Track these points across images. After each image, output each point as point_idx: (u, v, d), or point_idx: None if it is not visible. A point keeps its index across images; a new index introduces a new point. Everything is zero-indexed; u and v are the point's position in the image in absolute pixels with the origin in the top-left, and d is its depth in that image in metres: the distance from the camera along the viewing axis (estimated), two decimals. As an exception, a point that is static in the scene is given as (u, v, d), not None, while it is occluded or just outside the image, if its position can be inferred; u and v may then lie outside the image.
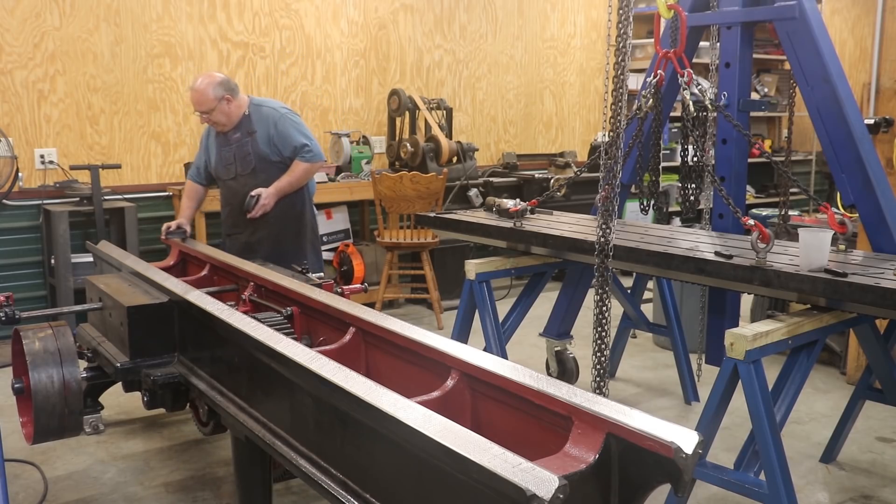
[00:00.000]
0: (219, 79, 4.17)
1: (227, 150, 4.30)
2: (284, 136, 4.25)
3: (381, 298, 5.74)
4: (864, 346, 3.30)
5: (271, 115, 4.28)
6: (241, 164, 4.27)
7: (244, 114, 4.25)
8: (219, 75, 4.22)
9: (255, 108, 4.28)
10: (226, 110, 4.19)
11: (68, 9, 5.30)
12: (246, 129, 4.26)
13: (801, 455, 3.68)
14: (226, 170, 4.32)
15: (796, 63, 3.32)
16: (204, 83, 4.14)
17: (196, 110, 4.23)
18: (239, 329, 2.48)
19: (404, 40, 6.71)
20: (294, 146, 4.25)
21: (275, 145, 4.26)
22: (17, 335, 3.08)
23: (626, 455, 1.67)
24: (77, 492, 3.34)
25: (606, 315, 2.82)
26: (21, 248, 5.36)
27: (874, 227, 3.24)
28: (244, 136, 4.26)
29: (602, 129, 3.23)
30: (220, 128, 4.26)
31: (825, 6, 8.73)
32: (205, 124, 4.35)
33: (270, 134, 4.25)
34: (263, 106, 4.32)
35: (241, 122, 4.25)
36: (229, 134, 4.27)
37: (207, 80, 4.15)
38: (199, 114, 4.22)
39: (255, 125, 4.25)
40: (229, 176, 4.33)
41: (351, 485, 2.01)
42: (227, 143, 4.29)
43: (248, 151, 4.26)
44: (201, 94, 4.13)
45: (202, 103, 4.15)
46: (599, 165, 3.01)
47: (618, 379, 4.68)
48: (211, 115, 4.18)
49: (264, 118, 4.26)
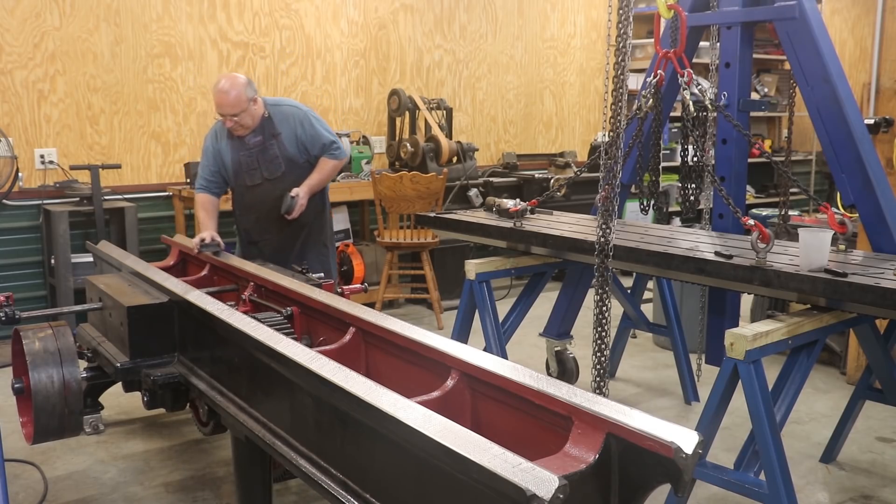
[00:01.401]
0: (246, 79, 3.97)
1: (246, 154, 4.07)
2: (313, 136, 4.10)
3: (381, 298, 5.74)
4: (864, 346, 3.30)
5: (295, 114, 4.11)
6: (268, 169, 4.08)
7: (263, 115, 4.05)
8: (242, 76, 4.00)
9: (274, 109, 4.09)
10: (253, 112, 3.98)
11: (68, 9, 5.30)
12: (269, 132, 4.06)
13: (801, 455, 3.68)
14: (249, 176, 4.10)
15: (796, 63, 3.32)
16: (234, 85, 3.91)
17: (224, 113, 3.94)
18: (239, 329, 2.48)
19: (404, 40, 6.72)
20: (323, 144, 4.12)
21: (303, 145, 4.10)
22: (17, 335, 3.09)
23: (626, 455, 1.67)
24: (77, 492, 3.34)
25: (606, 315, 2.82)
26: (21, 248, 5.36)
27: (874, 227, 3.24)
28: (267, 139, 4.06)
29: (602, 129, 3.23)
30: (243, 131, 4.02)
31: (825, 6, 8.73)
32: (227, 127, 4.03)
33: (298, 134, 4.09)
34: (282, 105, 4.14)
35: (261, 125, 4.05)
36: (247, 138, 4.05)
37: (237, 82, 3.93)
38: (226, 117, 3.95)
39: (278, 126, 4.07)
40: (254, 182, 4.11)
41: (351, 485, 2.01)
42: (245, 147, 4.06)
43: (276, 154, 4.07)
44: (234, 97, 3.89)
45: (235, 105, 3.91)
46: (599, 165, 3.01)
47: (618, 379, 4.68)
48: (240, 117, 3.95)
49: (287, 118, 4.09)
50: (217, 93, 3.94)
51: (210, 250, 3.80)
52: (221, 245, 3.85)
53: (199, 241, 3.84)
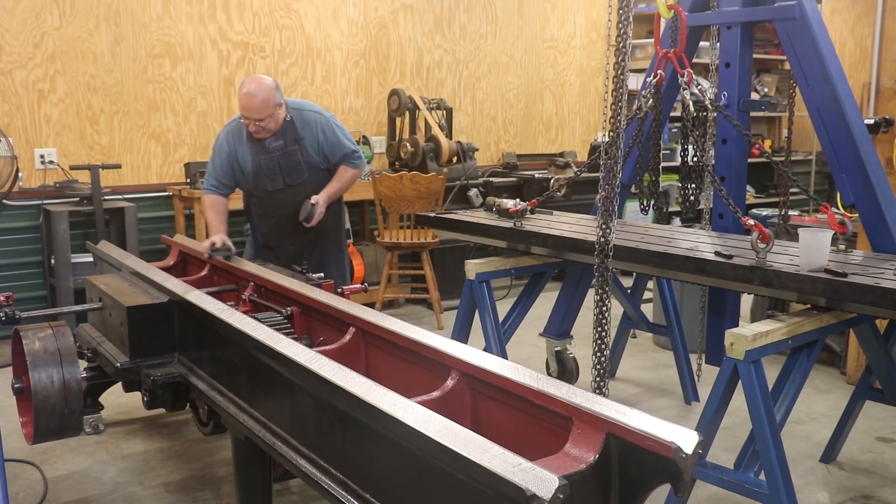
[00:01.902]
0: (273, 83, 3.83)
1: (267, 159, 3.94)
2: (335, 144, 4.03)
3: (381, 298, 5.74)
4: (864, 346, 3.30)
5: (317, 120, 4.02)
6: (291, 175, 3.97)
7: (285, 119, 3.92)
8: (270, 79, 3.85)
9: (296, 113, 3.97)
10: (277, 116, 3.86)
11: (68, 9, 5.30)
12: (292, 136, 3.95)
13: (801, 455, 3.68)
14: (269, 181, 3.98)
15: (796, 63, 3.32)
16: (262, 88, 3.76)
17: (250, 117, 3.80)
18: (239, 329, 2.48)
19: (404, 40, 6.72)
20: (344, 153, 4.05)
21: (323, 152, 4.02)
22: (17, 335, 3.09)
23: (626, 455, 1.67)
24: (77, 492, 3.34)
25: (606, 315, 2.82)
26: (21, 248, 5.36)
27: (874, 227, 3.24)
28: (289, 144, 3.95)
29: (602, 129, 3.23)
30: (265, 134, 3.88)
31: (825, 6, 8.73)
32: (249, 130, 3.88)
33: (320, 141, 4.00)
34: (304, 110, 4.03)
35: (283, 128, 3.92)
36: (268, 141, 3.91)
37: (264, 85, 3.78)
38: (251, 121, 3.81)
39: (300, 131, 3.96)
40: (275, 187, 3.99)
41: (351, 485, 2.01)
42: (266, 151, 3.93)
43: (298, 160, 3.97)
44: (261, 102, 3.75)
45: (261, 110, 3.77)
46: (599, 165, 3.01)
47: (618, 379, 4.68)
48: (265, 122, 3.82)
49: (310, 124, 3.99)
50: (243, 96, 3.78)
51: (221, 255, 3.67)
52: (233, 250, 3.72)
53: (210, 245, 3.70)
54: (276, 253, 4.09)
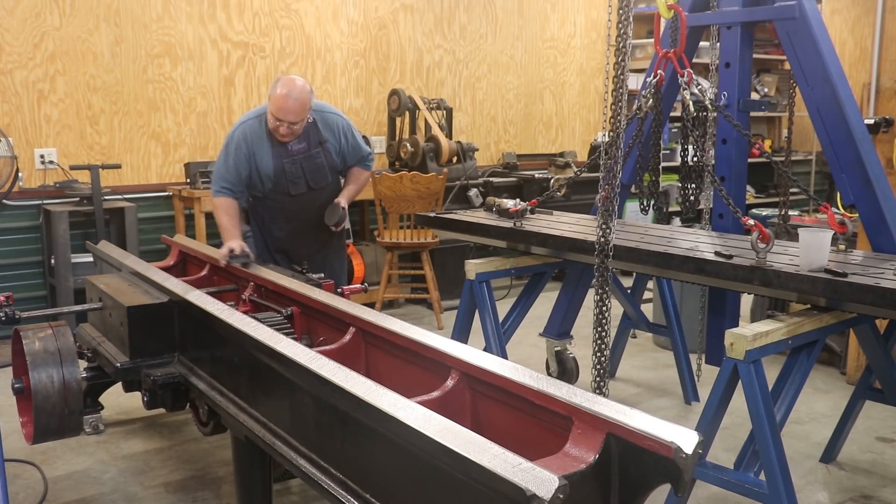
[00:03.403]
0: (309, 86, 3.72)
1: (290, 161, 3.83)
2: (355, 147, 4.01)
3: (381, 298, 5.74)
4: (864, 346, 3.30)
5: (339, 123, 3.97)
6: (314, 178, 3.91)
7: (308, 121, 3.82)
8: (301, 79, 3.72)
9: (318, 115, 3.88)
10: (306, 119, 3.80)
11: (68, 9, 5.30)
12: (315, 139, 3.87)
13: (801, 455, 3.68)
14: (293, 184, 3.87)
15: (796, 63, 3.32)
16: (302, 91, 3.66)
17: (286, 120, 3.67)
18: (239, 329, 2.48)
19: (404, 40, 6.72)
20: (361, 156, 4.06)
21: (343, 155, 3.99)
22: (17, 335, 3.09)
23: (626, 455, 1.67)
24: (77, 492, 3.34)
25: (606, 315, 2.82)
26: (21, 248, 5.36)
27: (874, 227, 3.24)
28: (313, 147, 3.87)
29: (602, 129, 3.23)
30: (291, 137, 3.78)
31: (825, 6, 8.73)
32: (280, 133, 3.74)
33: (342, 144, 3.96)
34: (325, 112, 3.95)
35: (305, 131, 3.82)
36: (290, 144, 3.81)
37: (304, 89, 3.67)
38: (283, 123, 3.68)
39: (323, 133, 3.90)
40: (298, 191, 3.90)
41: (351, 485, 2.01)
42: (288, 154, 3.83)
43: (322, 163, 3.91)
44: (300, 105, 3.66)
45: (300, 113, 3.68)
46: (599, 165, 3.01)
47: (618, 379, 4.68)
48: (299, 125, 3.73)
49: (331, 127, 3.93)
50: (280, 98, 3.63)
51: (239, 262, 3.50)
52: (251, 256, 3.58)
53: (228, 251, 3.55)
54: (290, 256, 4.00)
